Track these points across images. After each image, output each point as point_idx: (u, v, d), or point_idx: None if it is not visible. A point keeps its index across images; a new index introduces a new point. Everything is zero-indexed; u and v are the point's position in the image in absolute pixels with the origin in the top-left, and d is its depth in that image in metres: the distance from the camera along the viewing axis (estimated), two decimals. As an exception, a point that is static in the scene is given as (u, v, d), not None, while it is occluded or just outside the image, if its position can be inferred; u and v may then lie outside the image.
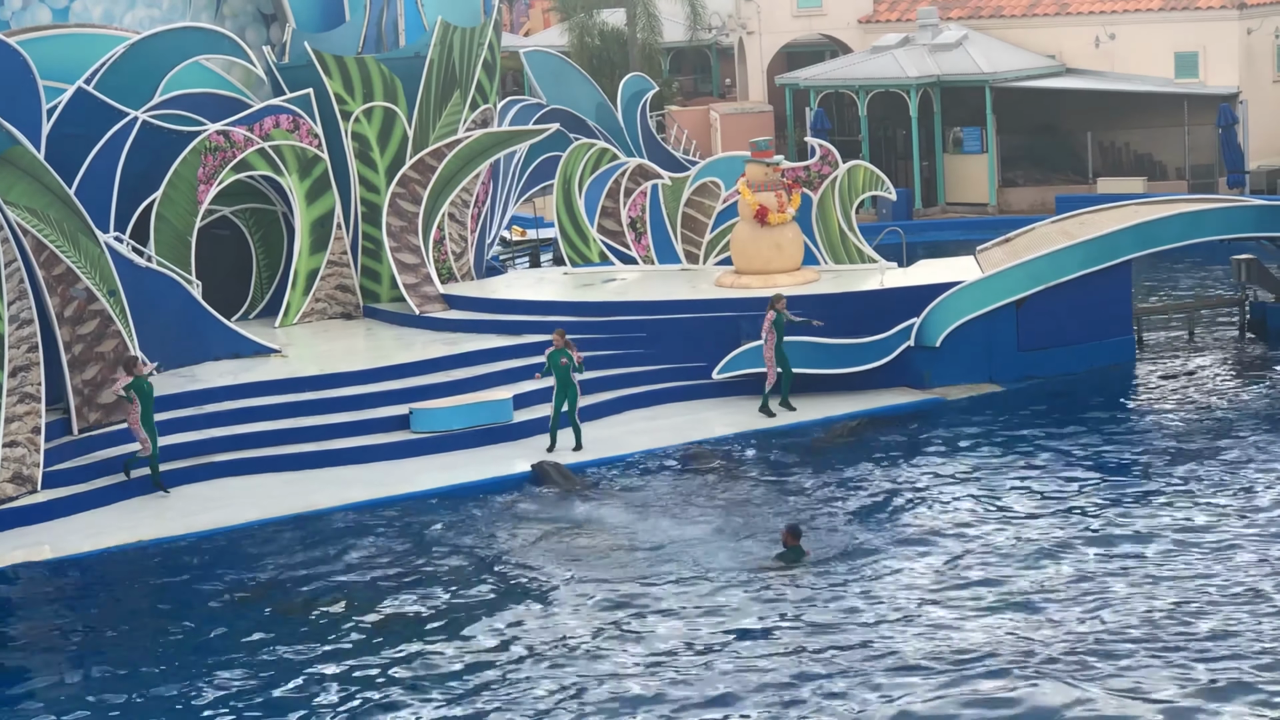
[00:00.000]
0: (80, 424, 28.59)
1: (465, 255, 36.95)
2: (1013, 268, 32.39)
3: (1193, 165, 50.56)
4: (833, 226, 35.25)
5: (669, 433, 29.99)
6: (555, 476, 27.58)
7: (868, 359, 31.79)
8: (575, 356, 29.05)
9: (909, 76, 51.98)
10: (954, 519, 24.73)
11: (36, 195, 28.03)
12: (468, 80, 36.36)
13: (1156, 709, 17.89)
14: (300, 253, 35.44)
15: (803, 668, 19.62)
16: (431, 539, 25.32)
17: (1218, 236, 34.19)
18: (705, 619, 21.34)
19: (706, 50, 70.85)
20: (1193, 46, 51.22)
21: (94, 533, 26.12)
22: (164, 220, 33.81)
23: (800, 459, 28.36)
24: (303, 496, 27.37)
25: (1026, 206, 50.91)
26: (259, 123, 34.63)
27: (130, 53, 33.78)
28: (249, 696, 19.95)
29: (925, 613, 21.12)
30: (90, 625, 22.93)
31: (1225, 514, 24.12)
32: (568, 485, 27.37)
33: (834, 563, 23.01)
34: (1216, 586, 21.36)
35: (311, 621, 22.17)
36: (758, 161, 34.13)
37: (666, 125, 58.21)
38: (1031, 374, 32.09)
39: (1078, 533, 23.75)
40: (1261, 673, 18.67)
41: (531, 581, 23.19)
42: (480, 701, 19.38)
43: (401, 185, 35.52)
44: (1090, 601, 21.09)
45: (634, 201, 36.94)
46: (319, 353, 33.05)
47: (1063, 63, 53.16)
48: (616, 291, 34.89)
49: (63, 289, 28.33)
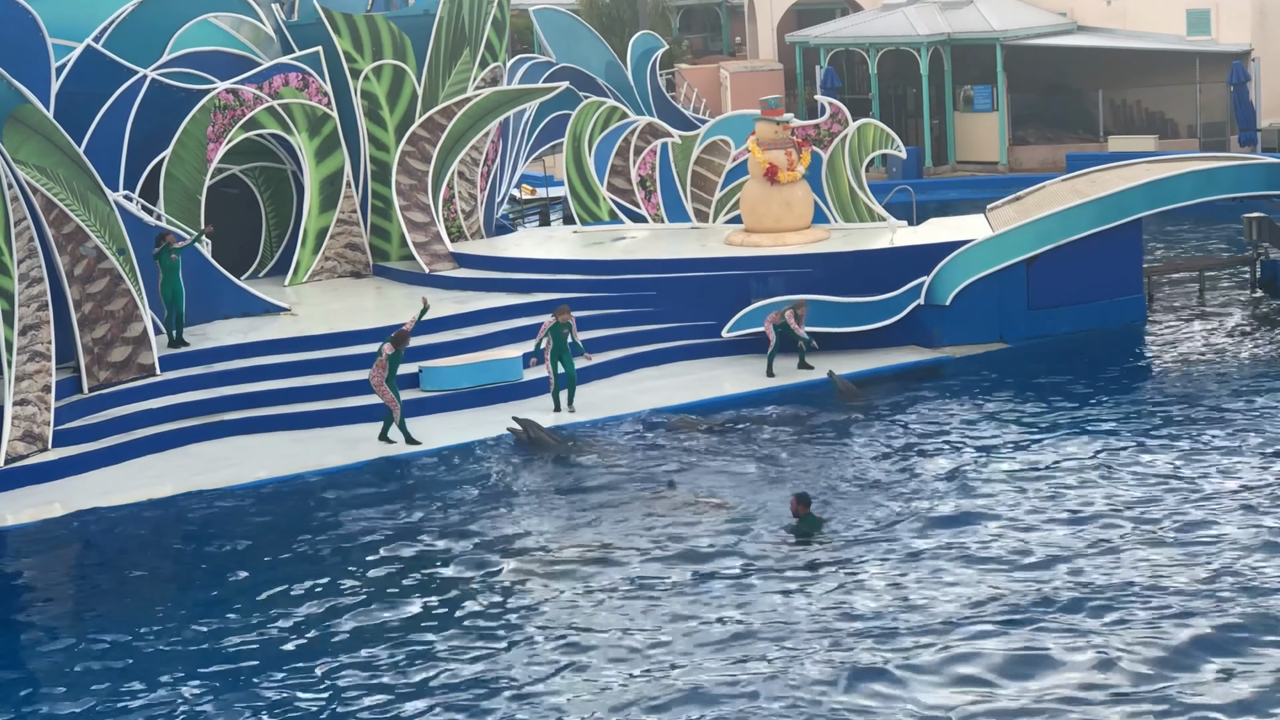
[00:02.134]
0: (90, 382, 28.63)
1: (475, 214, 36.90)
2: (1023, 226, 32.32)
3: (1204, 123, 50.37)
4: (843, 185, 35.18)
5: (678, 391, 29.99)
6: (540, 436, 27.42)
7: (878, 317, 31.77)
8: (575, 337, 29.06)
9: (919, 34, 51.79)
10: (965, 477, 24.69)
11: (46, 154, 28.01)
12: (477, 38, 36.25)
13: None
14: (310, 211, 35.40)
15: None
16: (436, 497, 25.34)
17: (1229, 195, 34.06)
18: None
19: (716, 8, 70.62)
20: (1205, 4, 50.94)
21: (104, 491, 26.17)
22: (173, 179, 33.76)
23: (808, 420, 28.34)
24: (313, 456, 27.38)
25: (1037, 165, 50.73)
26: (268, 81, 34.55)
27: (139, 10, 33.72)
28: (262, 652, 20.00)
29: (948, 572, 21.14)
30: (101, 582, 22.99)
31: (1240, 469, 24.14)
32: (550, 444, 27.22)
33: (853, 531, 22.93)
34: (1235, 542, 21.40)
35: (320, 576, 22.23)
36: (768, 120, 34.06)
37: (676, 83, 58.03)
38: (1042, 332, 32.05)
39: (1094, 493, 23.73)
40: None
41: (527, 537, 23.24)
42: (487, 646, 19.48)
43: (411, 144, 35.46)
44: (1107, 560, 21.13)
45: (643, 160, 36.88)
46: (328, 311, 33.04)
47: (1074, 20, 52.95)
48: (626, 250, 34.86)
49: (73, 247, 28.33)
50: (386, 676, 19.14)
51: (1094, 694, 17.55)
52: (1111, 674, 17.93)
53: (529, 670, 19.04)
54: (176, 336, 30.53)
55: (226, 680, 19.32)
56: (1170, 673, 17.91)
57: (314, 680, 19.15)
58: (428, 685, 18.85)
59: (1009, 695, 17.66)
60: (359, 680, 19.08)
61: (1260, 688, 17.46)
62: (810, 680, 18.25)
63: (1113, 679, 17.83)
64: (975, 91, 52.39)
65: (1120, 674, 17.93)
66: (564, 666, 19.08)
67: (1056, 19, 52.88)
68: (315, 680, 19.15)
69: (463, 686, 18.73)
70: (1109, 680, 17.81)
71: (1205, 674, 17.89)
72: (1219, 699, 17.30)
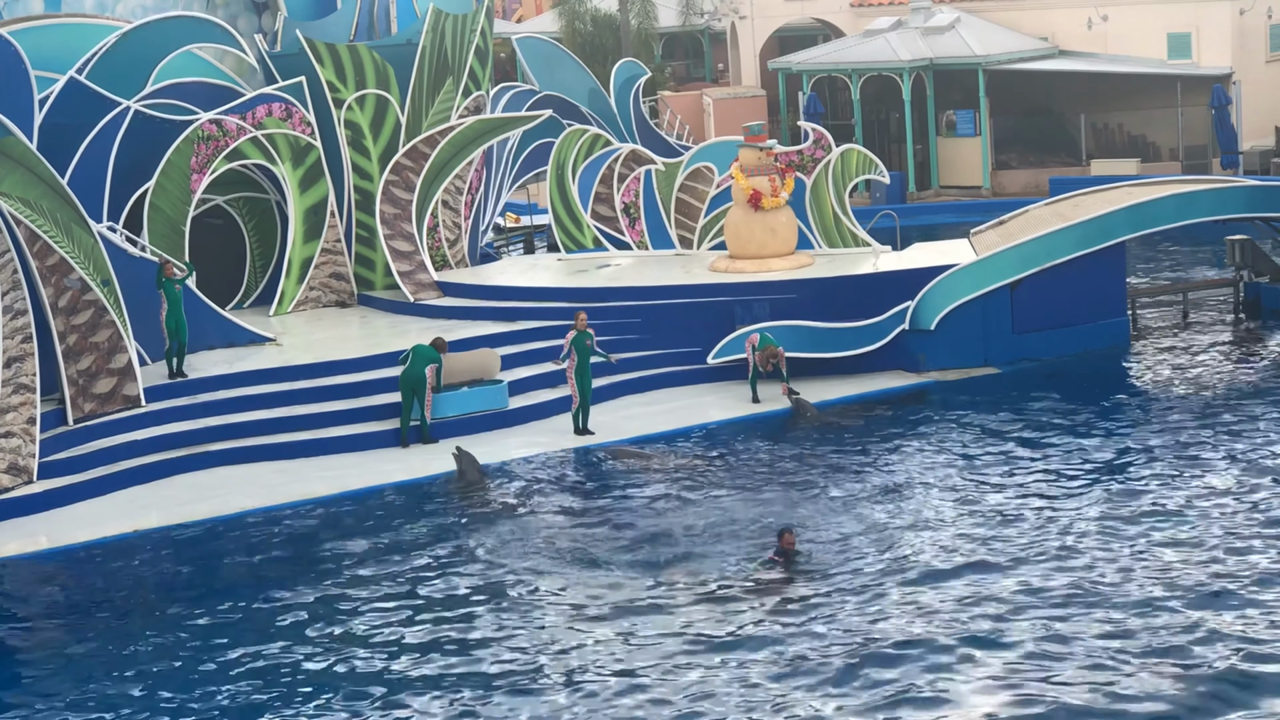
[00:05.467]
0: (75, 414, 28.59)
1: (459, 242, 36.93)
2: (1007, 250, 32.38)
3: (1186, 146, 50.52)
4: (826, 210, 35.24)
5: (664, 417, 30.00)
6: (469, 470, 27.34)
7: (863, 343, 31.80)
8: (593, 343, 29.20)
9: (902, 60, 51.94)
10: (952, 502, 24.71)
11: (29, 185, 28.01)
12: (460, 67, 36.32)
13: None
14: (294, 241, 35.42)
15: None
16: (427, 525, 25.32)
17: (1211, 217, 34.18)
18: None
19: (699, 35, 70.78)
20: (1185, 27, 51.19)
21: (90, 523, 26.12)
22: (157, 210, 33.77)
23: (795, 442, 28.36)
24: (298, 485, 27.36)
25: (1020, 189, 50.91)
26: (251, 111, 34.59)
27: (122, 42, 33.75)
28: (248, 681, 19.96)
29: (920, 596, 21.16)
30: (87, 615, 22.91)
31: (1219, 492, 24.19)
32: (474, 478, 27.18)
33: (831, 557, 22.95)
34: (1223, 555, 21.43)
35: (311, 607, 22.20)
36: (751, 146, 34.12)
37: (659, 110, 58.16)
38: (1026, 356, 32.10)
39: (1079, 514, 23.75)
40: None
41: (516, 579, 23.22)
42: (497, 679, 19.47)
43: (395, 173, 35.50)
44: (1094, 583, 21.15)
45: (627, 187, 36.93)
46: (313, 341, 33.04)
47: (1055, 45, 53.14)
48: (611, 277, 34.87)
49: (57, 279, 28.31)
50: (368, 707, 19.14)
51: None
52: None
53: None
54: (177, 368, 30.44)
55: (213, 713, 19.27)
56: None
57: (304, 710, 19.13)
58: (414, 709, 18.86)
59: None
60: (345, 713, 19.07)
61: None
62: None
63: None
64: (958, 116, 52.55)
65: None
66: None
67: (1038, 43, 53.07)
68: (306, 711, 19.14)
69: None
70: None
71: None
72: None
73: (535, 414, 29.92)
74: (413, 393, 28.86)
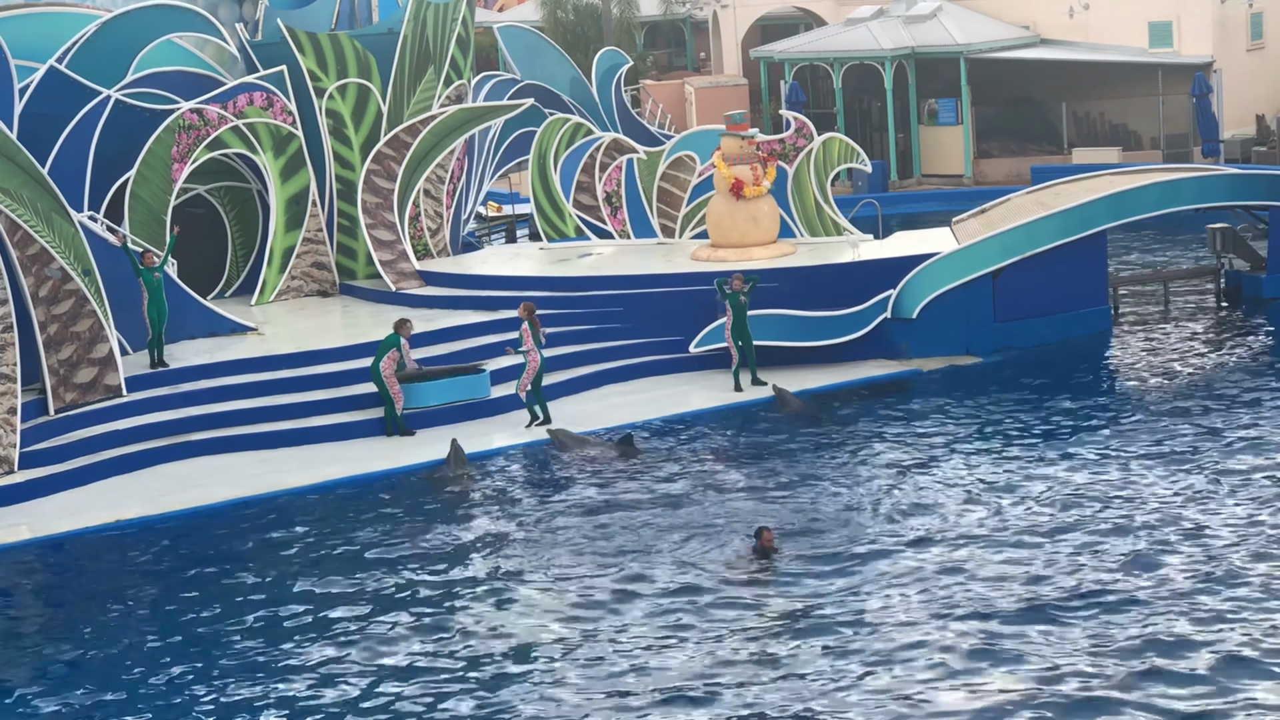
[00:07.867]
0: (56, 404, 28.54)
1: (441, 231, 36.90)
2: (989, 239, 32.43)
3: (1167, 135, 50.63)
4: (808, 199, 35.25)
5: (646, 406, 29.99)
6: (454, 458, 27.34)
7: (844, 331, 31.82)
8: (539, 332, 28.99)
9: (884, 48, 51.96)
10: (935, 490, 24.74)
11: (9, 175, 27.93)
12: (442, 56, 36.27)
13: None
14: (275, 230, 35.37)
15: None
16: (409, 515, 25.32)
17: (1193, 206, 34.24)
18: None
19: (681, 24, 70.77)
20: (1167, 16, 51.25)
21: (71, 513, 26.08)
22: (138, 199, 33.71)
23: (777, 431, 28.39)
24: (280, 474, 27.34)
25: (1002, 177, 50.96)
26: (233, 100, 34.53)
27: (102, 31, 33.68)
28: (231, 675, 19.95)
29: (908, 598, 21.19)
30: (68, 606, 22.89)
31: (1208, 479, 24.27)
32: (459, 468, 27.21)
33: (815, 549, 22.96)
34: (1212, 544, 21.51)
35: (293, 598, 22.19)
36: (733, 135, 34.13)
37: (641, 99, 58.13)
38: (1008, 345, 32.15)
39: (1061, 499, 23.80)
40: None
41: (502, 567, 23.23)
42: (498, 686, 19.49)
43: (376, 162, 35.45)
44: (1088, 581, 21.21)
45: (609, 176, 36.92)
46: (295, 330, 33.00)
47: (1037, 34, 53.19)
48: (592, 266, 34.88)
49: (38, 269, 28.25)
50: (357, 692, 19.15)
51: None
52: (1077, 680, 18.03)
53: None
54: (158, 358, 30.39)
55: (197, 701, 19.26)
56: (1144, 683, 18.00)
57: (290, 701, 19.13)
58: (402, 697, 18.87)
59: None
60: (329, 701, 19.07)
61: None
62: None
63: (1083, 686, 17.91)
64: (940, 105, 52.61)
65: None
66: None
67: (1020, 32, 53.12)
68: (291, 702, 19.13)
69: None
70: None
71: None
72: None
73: (517, 403, 29.88)
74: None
